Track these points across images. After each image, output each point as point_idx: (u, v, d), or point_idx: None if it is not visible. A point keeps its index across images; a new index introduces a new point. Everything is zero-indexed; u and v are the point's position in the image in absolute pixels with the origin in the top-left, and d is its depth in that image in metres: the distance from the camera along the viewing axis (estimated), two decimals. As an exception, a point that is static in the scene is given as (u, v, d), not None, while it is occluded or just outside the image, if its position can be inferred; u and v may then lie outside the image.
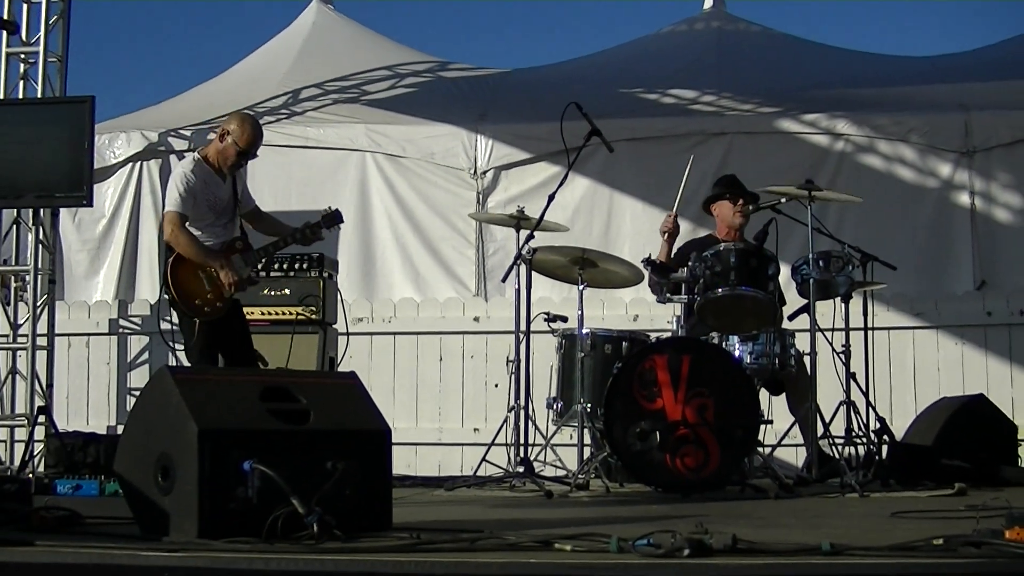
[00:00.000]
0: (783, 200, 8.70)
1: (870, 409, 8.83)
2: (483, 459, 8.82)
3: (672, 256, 9.37)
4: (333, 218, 8.80)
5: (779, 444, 9.10)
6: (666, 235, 9.44)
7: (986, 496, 6.98)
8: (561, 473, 8.79)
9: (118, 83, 31.26)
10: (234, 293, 8.32)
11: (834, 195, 9.02)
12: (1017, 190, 11.37)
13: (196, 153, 8.60)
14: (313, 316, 9.98)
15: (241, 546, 4.43)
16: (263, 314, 9.89)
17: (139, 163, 12.31)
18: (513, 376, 8.88)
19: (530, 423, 8.80)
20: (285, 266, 10.03)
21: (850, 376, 8.74)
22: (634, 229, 11.55)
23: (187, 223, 8.26)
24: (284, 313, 9.98)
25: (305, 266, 10.06)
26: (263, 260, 8.78)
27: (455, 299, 11.71)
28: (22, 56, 11.00)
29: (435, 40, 34.81)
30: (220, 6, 31.34)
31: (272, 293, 9.94)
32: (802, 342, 8.72)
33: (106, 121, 12.45)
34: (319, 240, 8.84)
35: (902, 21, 30.59)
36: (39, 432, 9.87)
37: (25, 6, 10.98)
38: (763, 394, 8.78)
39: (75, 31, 11.09)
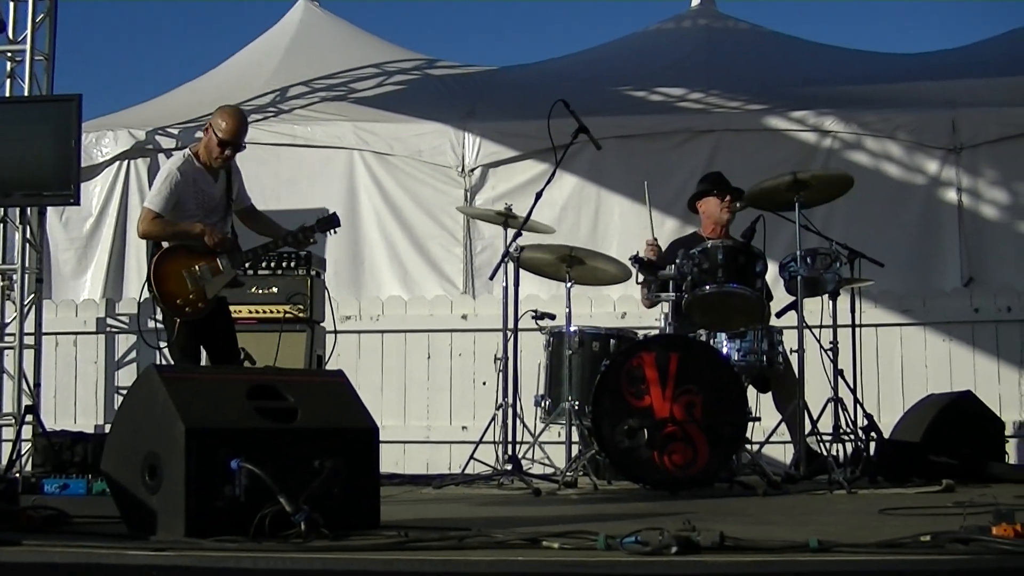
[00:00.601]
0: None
1: (858, 406, 8.85)
2: (471, 457, 8.84)
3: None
4: (329, 222, 8.78)
5: (767, 441, 9.11)
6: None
7: (973, 492, 7.03)
8: (549, 471, 8.78)
9: (105, 81, 31.23)
10: (222, 281, 8.32)
11: (823, 174, 8.94)
12: (1004, 187, 11.38)
13: (188, 150, 8.59)
14: (301, 314, 9.96)
15: (228, 545, 4.43)
16: (251, 312, 9.88)
17: (126, 161, 12.30)
18: (501, 374, 8.89)
19: (518, 421, 8.82)
20: (273, 264, 10.00)
21: (838, 373, 8.76)
22: (622, 226, 11.55)
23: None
24: (272, 311, 9.96)
25: (293, 264, 10.04)
26: (250, 260, 8.76)
27: (443, 297, 11.71)
28: (9, 54, 10.98)
29: (423, 38, 34.77)
30: (207, 5, 31.32)
31: (260, 291, 9.92)
32: (790, 339, 8.73)
33: (93, 119, 12.44)
34: (312, 244, 8.82)
35: (890, 19, 30.61)
36: (27, 431, 9.86)
37: (12, 4, 10.98)
38: (751, 391, 8.79)
39: (62, 29, 11.09)
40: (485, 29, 32.97)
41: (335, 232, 8.96)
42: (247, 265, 8.81)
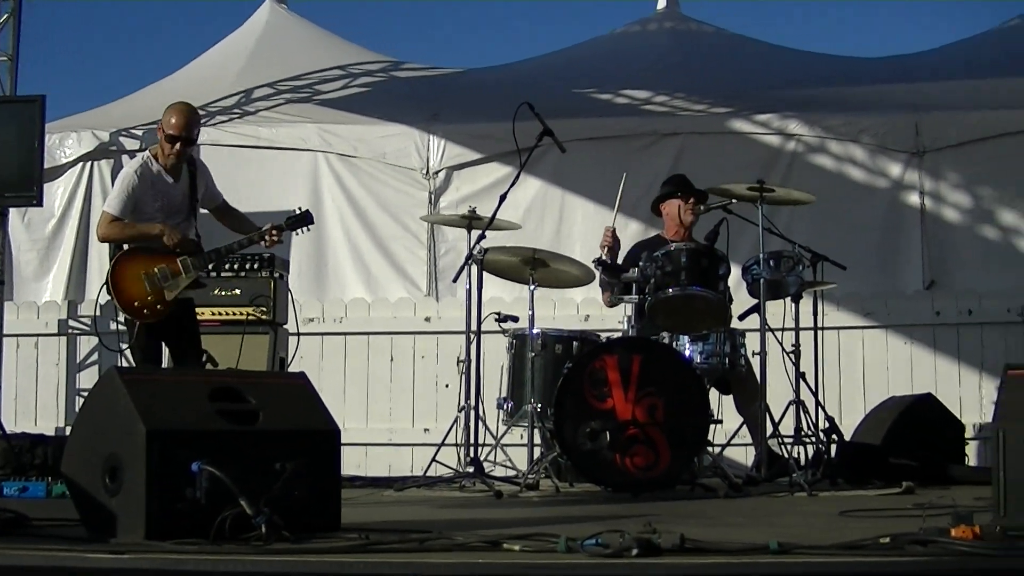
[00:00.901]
0: (734, 200, 8.73)
1: (819, 408, 8.88)
2: (433, 459, 8.82)
3: (623, 259, 9.38)
4: (301, 219, 8.73)
5: (729, 443, 9.17)
6: (606, 249, 9.41)
7: (933, 495, 7.06)
8: (511, 473, 8.77)
9: (70, 83, 31.06)
10: (183, 282, 8.27)
11: (787, 192, 9.00)
12: (966, 190, 11.45)
13: (147, 152, 8.56)
14: (264, 316, 9.96)
15: (189, 547, 4.42)
16: (213, 314, 9.85)
17: (90, 163, 12.27)
18: (464, 376, 8.89)
19: (480, 423, 8.82)
20: (236, 266, 10.00)
21: (799, 375, 8.80)
22: (585, 229, 11.55)
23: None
24: (234, 313, 9.95)
25: (256, 266, 10.03)
26: (214, 262, 8.72)
27: (406, 299, 11.71)
28: (-28, 55, 10.95)
29: (388, 40, 34.71)
30: (172, 6, 31.16)
31: (223, 293, 9.91)
32: (752, 342, 8.74)
33: (57, 120, 12.40)
34: (280, 243, 8.74)
35: (854, 22, 30.75)
36: (-13, 433, 9.81)
37: (-25, 6, 10.95)
38: (713, 393, 8.79)
39: (26, 30, 11.06)
40: (451, 31, 32.97)
41: (308, 230, 8.92)
42: (210, 266, 8.78)
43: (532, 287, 8.82)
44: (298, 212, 8.76)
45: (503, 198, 8.88)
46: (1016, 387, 5.07)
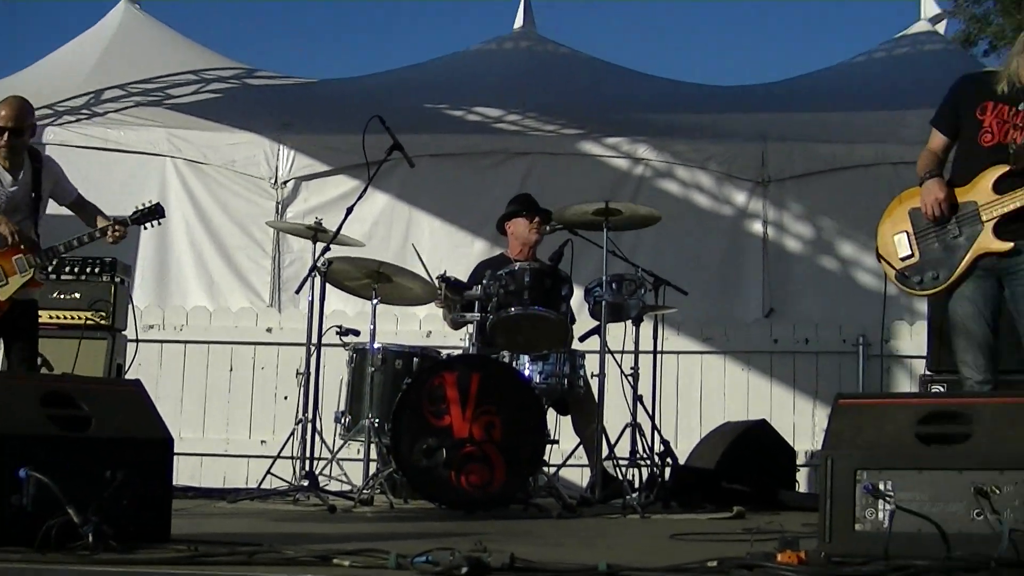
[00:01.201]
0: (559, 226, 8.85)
1: (655, 431, 8.97)
2: (268, 472, 8.78)
3: (467, 278, 9.39)
4: (152, 213, 8.61)
5: (564, 464, 9.20)
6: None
7: (763, 520, 7.19)
8: (346, 488, 8.76)
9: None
10: (17, 282, 8.12)
11: (633, 209, 9.03)
12: (808, 221, 11.64)
13: (-19, 149, 8.41)
14: (102, 321, 9.82)
15: (12, 555, 4.36)
16: (51, 317, 9.64)
17: (-71, 158, 12.02)
18: (302, 389, 8.83)
19: (317, 436, 8.77)
20: (76, 269, 9.84)
21: (637, 398, 8.87)
22: (432, 245, 11.52)
23: None
24: (72, 317, 9.79)
25: (97, 270, 9.88)
26: (54, 261, 8.57)
27: (248, 309, 11.62)
28: None
29: (243, 47, 34.53)
30: (25, 2, 30.70)
31: (61, 296, 9.75)
32: (592, 363, 8.80)
33: None
34: (123, 238, 8.58)
35: (708, 52, 31.24)
36: None
37: None
38: (551, 414, 8.84)
39: None
40: (305, 41, 32.89)
41: (159, 223, 8.79)
42: (50, 266, 8.64)
43: (375, 301, 8.79)
44: (147, 206, 8.64)
45: (350, 211, 8.84)
46: (844, 416, 5.17)
